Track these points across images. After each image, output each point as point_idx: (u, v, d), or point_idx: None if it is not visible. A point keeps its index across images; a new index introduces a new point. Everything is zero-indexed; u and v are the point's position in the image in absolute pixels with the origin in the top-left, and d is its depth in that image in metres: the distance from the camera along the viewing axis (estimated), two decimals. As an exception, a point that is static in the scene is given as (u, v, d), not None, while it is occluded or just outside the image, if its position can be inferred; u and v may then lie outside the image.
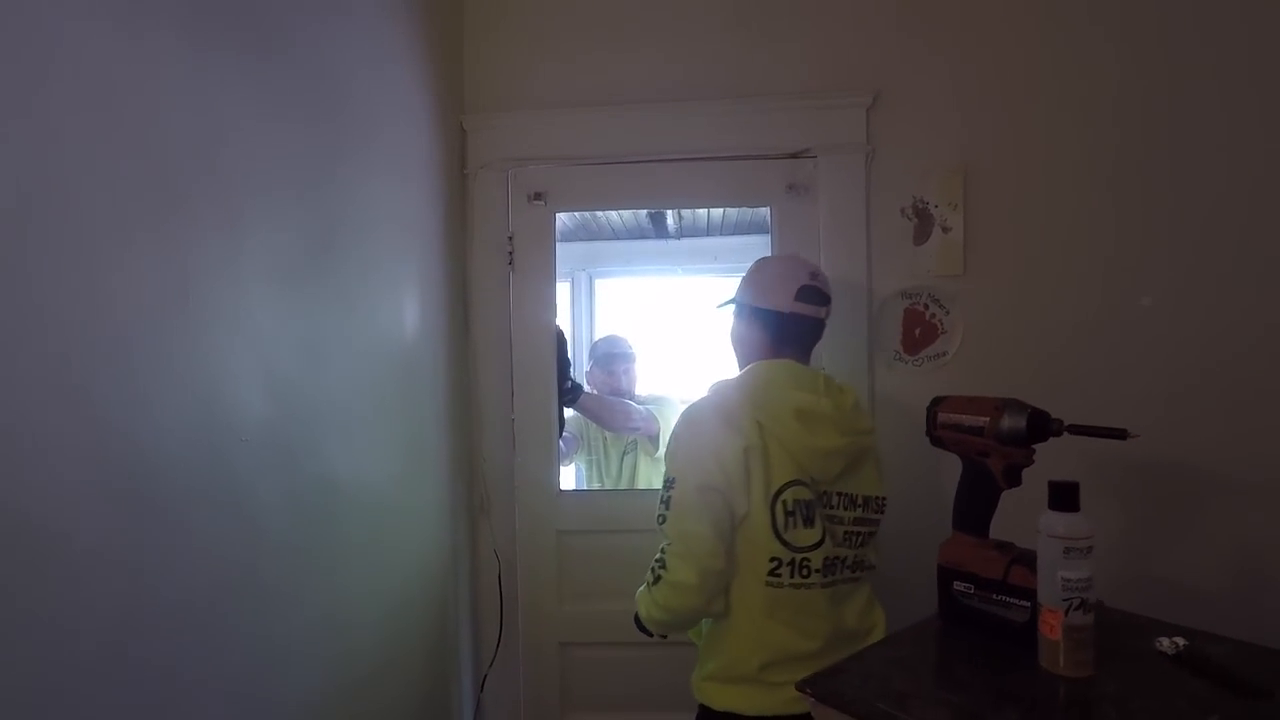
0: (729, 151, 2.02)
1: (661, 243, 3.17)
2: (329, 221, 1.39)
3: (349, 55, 1.48)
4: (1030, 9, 1.91)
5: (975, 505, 1.12)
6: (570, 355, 2.19)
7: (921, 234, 1.96)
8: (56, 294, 0.78)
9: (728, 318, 1.55)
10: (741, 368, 1.48)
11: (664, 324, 3.11)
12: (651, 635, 1.43)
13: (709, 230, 3.05)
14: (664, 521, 1.30)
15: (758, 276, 1.49)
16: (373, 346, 1.56)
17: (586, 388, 2.26)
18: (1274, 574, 1.72)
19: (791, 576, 1.27)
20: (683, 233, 3.07)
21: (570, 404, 2.22)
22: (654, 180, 2.07)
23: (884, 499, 1.42)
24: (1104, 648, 1.00)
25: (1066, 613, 0.93)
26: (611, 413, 2.34)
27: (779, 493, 1.28)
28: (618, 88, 2.04)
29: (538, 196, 2.06)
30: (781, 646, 1.28)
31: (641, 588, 1.38)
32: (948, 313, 1.95)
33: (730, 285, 1.60)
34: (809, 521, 1.28)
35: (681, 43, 2.03)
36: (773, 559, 1.27)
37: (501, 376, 2.08)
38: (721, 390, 1.39)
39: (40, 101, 0.77)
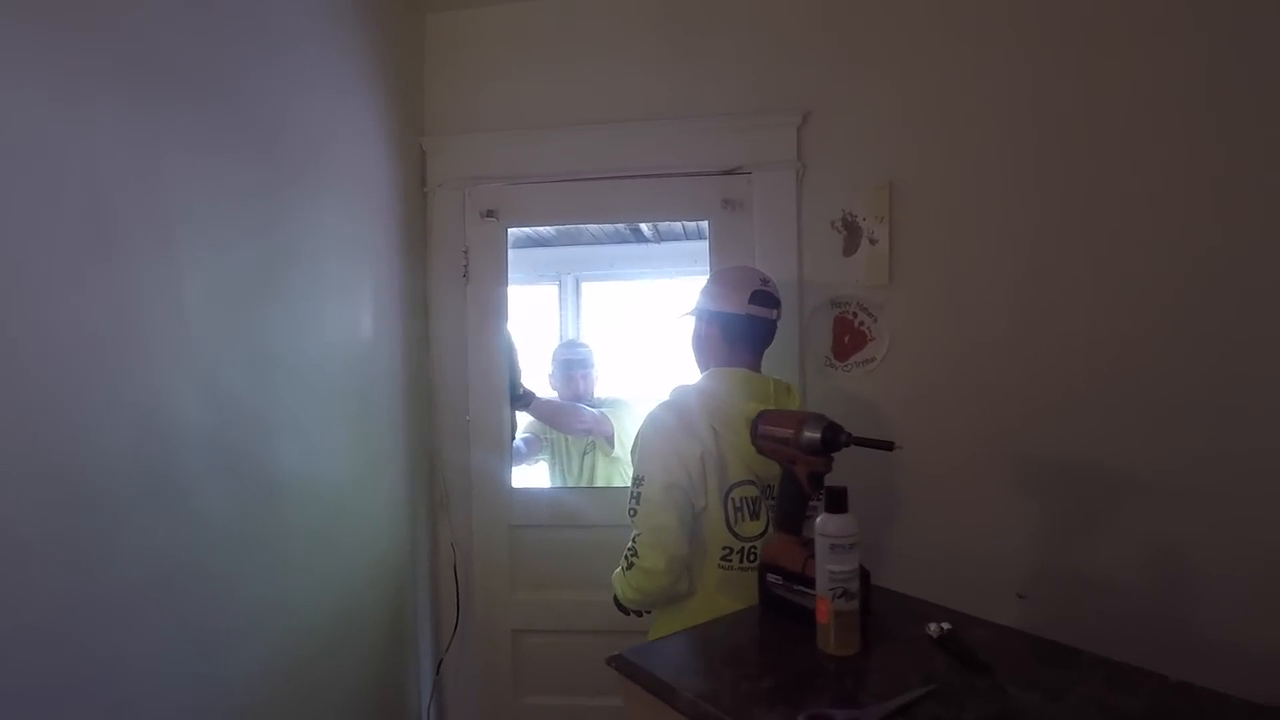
0: (668, 169, 2.26)
1: (644, 247, 3.37)
2: (275, 245, 1.66)
3: (293, 88, 1.74)
4: (953, 29, 2.09)
5: (789, 507, 1.34)
6: (520, 363, 2.44)
7: (850, 246, 2.16)
8: (6, 334, 1.06)
9: (688, 325, 1.80)
10: (701, 370, 1.73)
11: (643, 326, 3.32)
12: (628, 613, 1.71)
13: (686, 235, 3.24)
14: (635, 515, 1.58)
15: (714, 284, 1.75)
16: (324, 356, 1.84)
17: (537, 393, 2.51)
18: (1180, 566, 1.90)
19: (740, 562, 1.57)
20: (661, 237, 3.28)
21: (523, 409, 2.49)
22: (597, 197, 2.32)
23: None
24: (885, 630, 1.22)
25: (833, 600, 1.14)
26: (563, 416, 2.61)
27: (729, 491, 1.57)
28: (563, 110, 2.30)
29: (489, 213, 2.33)
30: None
31: (616, 571, 1.66)
32: (875, 320, 2.14)
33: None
34: (755, 515, 1.58)
35: (622, 67, 2.28)
36: (725, 547, 1.57)
37: (458, 381, 2.37)
38: (682, 396, 1.66)
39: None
